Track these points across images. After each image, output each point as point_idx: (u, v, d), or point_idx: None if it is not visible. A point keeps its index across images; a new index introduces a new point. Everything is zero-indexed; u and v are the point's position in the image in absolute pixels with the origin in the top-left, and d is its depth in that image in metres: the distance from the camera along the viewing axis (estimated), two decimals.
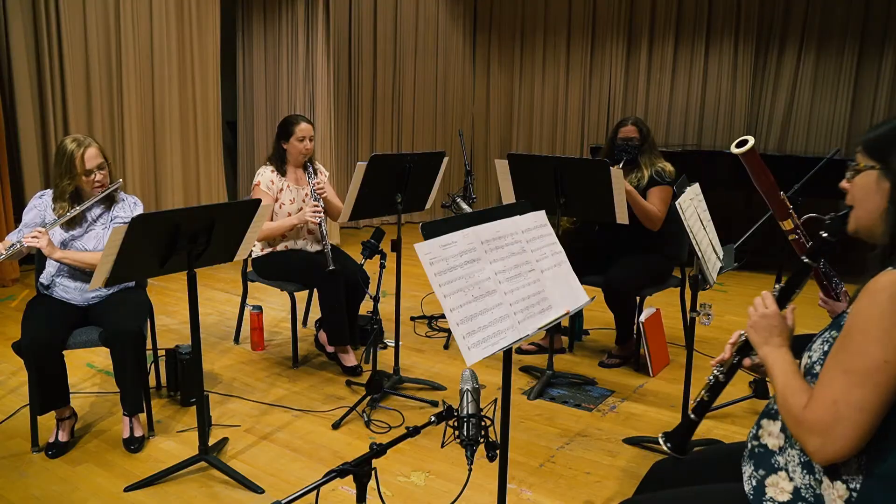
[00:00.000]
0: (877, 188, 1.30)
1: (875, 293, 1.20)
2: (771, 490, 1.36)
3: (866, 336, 1.19)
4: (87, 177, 2.77)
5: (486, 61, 8.29)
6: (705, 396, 1.59)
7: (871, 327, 1.19)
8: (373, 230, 3.13)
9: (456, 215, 1.78)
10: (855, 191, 1.35)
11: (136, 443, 2.77)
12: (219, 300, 4.85)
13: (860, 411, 1.18)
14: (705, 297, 4.28)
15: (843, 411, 1.20)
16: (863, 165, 1.33)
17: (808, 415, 1.24)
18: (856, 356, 1.20)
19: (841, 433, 1.20)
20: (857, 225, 1.36)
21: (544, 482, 2.60)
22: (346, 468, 1.41)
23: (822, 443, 1.22)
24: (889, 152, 1.28)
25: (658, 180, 3.51)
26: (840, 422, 1.20)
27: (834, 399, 1.21)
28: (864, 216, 1.34)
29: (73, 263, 2.76)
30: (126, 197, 2.97)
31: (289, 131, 3.61)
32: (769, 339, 1.44)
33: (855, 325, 1.22)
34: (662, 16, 7.11)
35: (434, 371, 3.67)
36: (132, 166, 5.64)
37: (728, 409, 3.15)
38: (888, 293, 1.18)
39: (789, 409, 1.29)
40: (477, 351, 1.62)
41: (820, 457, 1.23)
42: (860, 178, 1.33)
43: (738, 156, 2.36)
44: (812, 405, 1.24)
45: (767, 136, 6.75)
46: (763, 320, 1.45)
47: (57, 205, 2.78)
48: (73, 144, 2.75)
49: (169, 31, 5.73)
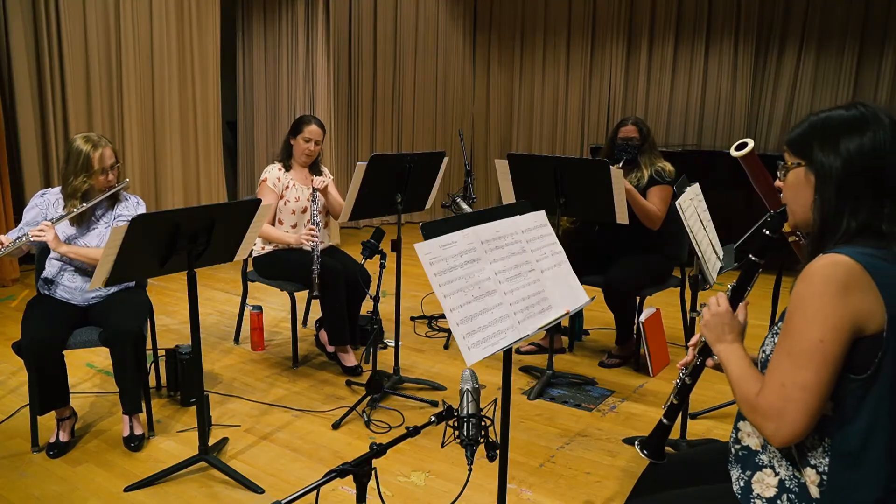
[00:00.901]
0: (806, 182, 1.36)
1: (809, 277, 1.26)
2: (757, 487, 1.39)
3: (804, 318, 1.25)
4: (102, 175, 2.78)
5: (486, 61, 8.29)
6: (674, 400, 1.61)
7: (807, 308, 1.25)
8: (373, 230, 3.13)
9: (456, 215, 1.78)
10: (787, 188, 1.42)
11: (136, 440, 2.77)
12: (219, 300, 4.85)
13: (805, 391, 1.23)
14: (705, 297, 4.26)
15: (790, 393, 1.25)
16: (791, 164, 1.39)
17: (761, 401, 1.29)
18: (796, 338, 1.26)
19: (792, 415, 1.24)
20: (795, 220, 1.42)
21: (544, 482, 2.60)
22: (346, 468, 1.41)
23: (777, 426, 1.26)
24: (810, 148, 1.35)
25: (658, 180, 3.51)
26: (789, 403, 1.24)
27: (782, 382, 1.26)
28: (799, 211, 1.40)
29: (77, 258, 2.76)
30: (129, 196, 2.97)
31: (298, 129, 3.67)
32: (722, 337, 1.47)
33: (793, 309, 1.28)
34: (662, 16, 7.11)
35: (434, 371, 3.67)
36: (132, 166, 5.64)
37: (727, 409, 3.15)
38: (819, 275, 1.25)
39: (744, 396, 1.34)
40: (477, 351, 1.63)
41: (777, 440, 1.27)
42: (790, 176, 1.40)
43: (737, 159, 2.36)
44: (763, 391, 1.30)
45: (767, 136, 6.75)
46: (714, 319, 1.49)
47: (68, 202, 2.78)
48: (87, 144, 2.75)
49: (169, 31, 5.73)
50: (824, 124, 1.35)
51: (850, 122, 1.32)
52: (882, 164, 1.29)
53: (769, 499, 1.37)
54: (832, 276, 1.23)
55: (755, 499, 1.39)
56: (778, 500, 1.35)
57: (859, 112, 1.32)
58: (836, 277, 1.23)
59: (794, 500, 1.34)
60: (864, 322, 1.23)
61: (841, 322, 1.22)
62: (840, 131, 1.32)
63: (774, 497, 1.36)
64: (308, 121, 3.68)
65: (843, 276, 1.23)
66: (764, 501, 1.37)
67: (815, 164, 1.33)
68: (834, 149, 1.31)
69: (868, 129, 1.30)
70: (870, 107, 1.33)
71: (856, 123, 1.31)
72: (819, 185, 1.33)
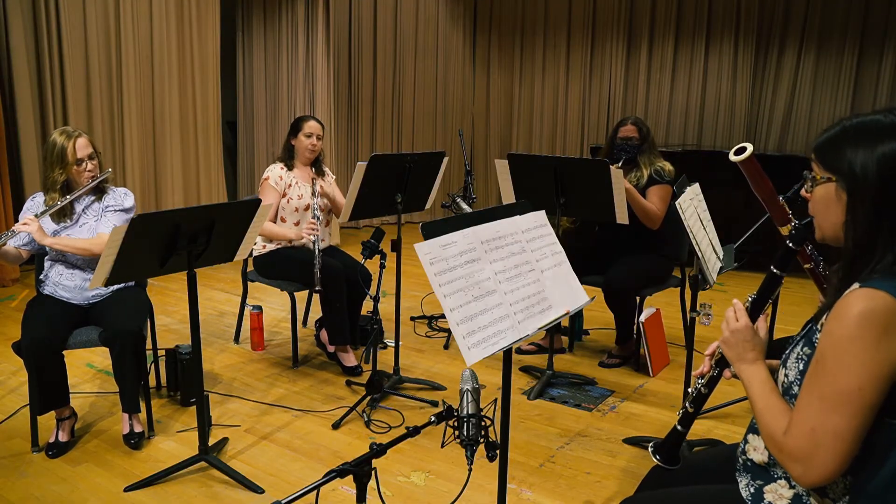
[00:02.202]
0: (836, 199, 1.26)
1: (844, 317, 1.16)
2: (769, 496, 1.36)
3: (838, 362, 1.16)
4: (79, 166, 2.78)
5: (486, 61, 8.29)
6: (690, 408, 1.57)
7: (842, 353, 1.16)
8: (373, 230, 3.13)
9: (456, 215, 1.78)
10: (815, 203, 1.32)
11: (136, 437, 2.77)
12: (219, 300, 4.85)
13: (837, 438, 1.16)
14: (705, 297, 4.27)
15: (821, 439, 1.17)
16: (820, 177, 1.28)
17: (789, 441, 1.22)
18: (830, 382, 1.17)
19: (821, 460, 1.17)
20: (823, 234, 1.33)
21: (544, 482, 2.60)
22: (346, 468, 1.41)
23: (804, 470, 1.20)
24: (842, 159, 1.23)
25: (657, 179, 3.51)
26: (819, 449, 1.17)
27: (812, 427, 1.18)
28: (828, 227, 1.30)
29: (64, 249, 2.75)
30: (115, 189, 2.97)
31: (298, 127, 3.71)
32: (743, 356, 1.41)
33: (827, 350, 1.18)
34: (662, 16, 7.11)
35: (434, 371, 3.67)
36: (132, 166, 5.64)
37: (728, 409, 3.15)
38: (855, 315, 1.15)
39: (770, 433, 1.27)
40: (477, 351, 1.62)
41: (804, 482, 1.21)
42: (819, 190, 1.29)
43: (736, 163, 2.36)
44: (792, 431, 1.22)
45: (767, 137, 6.75)
46: (734, 336, 1.42)
47: (47, 196, 2.79)
48: (62, 136, 2.77)
49: (169, 31, 5.73)
50: (858, 130, 1.23)
51: (888, 129, 1.20)
52: None
53: None
54: (870, 319, 1.13)
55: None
56: None
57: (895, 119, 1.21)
58: (876, 319, 1.13)
59: None
60: None
61: (880, 369, 1.13)
62: (876, 138, 1.19)
63: None
64: (306, 118, 3.74)
65: (883, 317, 1.13)
66: None
67: (847, 176, 1.22)
68: (868, 157, 1.19)
69: None
70: None
71: (893, 130, 1.19)
72: (851, 204, 1.22)
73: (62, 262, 2.83)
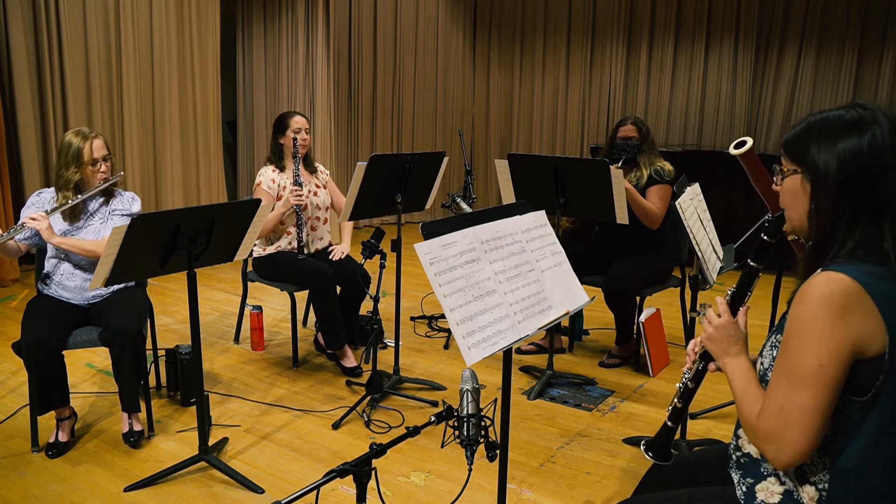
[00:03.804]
0: (802, 191, 1.32)
1: (805, 298, 1.22)
2: (761, 494, 1.38)
3: (801, 341, 1.21)
4: (94, 166, 2.80)
5: (486, 61, 8.29)
6: (678, 403, 1.59)
7: (804, 332, 1.21)
8: (373, 230, 3.13)
9: (456, 215, 1.78)
10: (784, 194, 1.37)
11: (136, 436, 2.77)
12: (219, 300, 4.85)
13: (804, 415, 1.20)
14: (705, 297, 4.28)
15: (789, 417, 1.22)
16: (787, 169, 1.35)
17: (761, 423, 1.26)
18: (794, 362, 1.22)
19: (791, 438, 1.21)
20: (792, 226, 1.38)
21: (544, 482, 2.60)
22: (346, 468, 1.41)
23: (777, 449, 1.23)
24: (806, 153, 1.30)
25: (657, 179, 3.51)
26: (788, 427, 1.22)
27: (780, 406, 1.23)
28: (796, 217, 1.36)
29: (72, 249, 2.76)
30: (123, 192, 2.98)
31: (284, 125, 3.65)
32: (728, 350, 1.44)
33: (791, 332, 1.24)
34: (662, 16, 7.11)
35: (434, 371, 3.67)
36: (132, 166, 5.64)
37: (728, 409, 3.15)
38: (816, 297, 1.20)
39: (746, 418, 1.31)
40: (477, 351, 1.62)
41: (779, 463, 1.25)
42: (786, 182, 1.35)
43: (736, 157, 2.36)
44: (763, 413, 1.27)
45: (767, 136, 6.75)
46: (718, 332, 1.46)
47: (60, 194, 2.80)
48: (78, 137, 2.79)
49: (169, 31, 5.73)
50: (821, 125, 1.30)
51: (849, 124, 1.27)
52: (880, 170, 1.24)
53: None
54: (830, 298, 1.19)
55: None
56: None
57: (858, 114, 1.28)
58: (835, 299, 1.19)
59: None
60: (865, 345, 1.19)
61: (840, 346, 1.19)
62: (837, 133, 1.27)
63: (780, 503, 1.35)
64: (290, 114, 3.67)
65: (842, 297, 1.19)
66: None
67: (811, 169, 1.29)
68: (830, 151, 1.26)
69: (867, 131, 1.25)
70: (869, 108, 1.28)
71: (854, 125, 1.26)
72: (815, 194, 1.29)
73: (67, 262, 2.83)
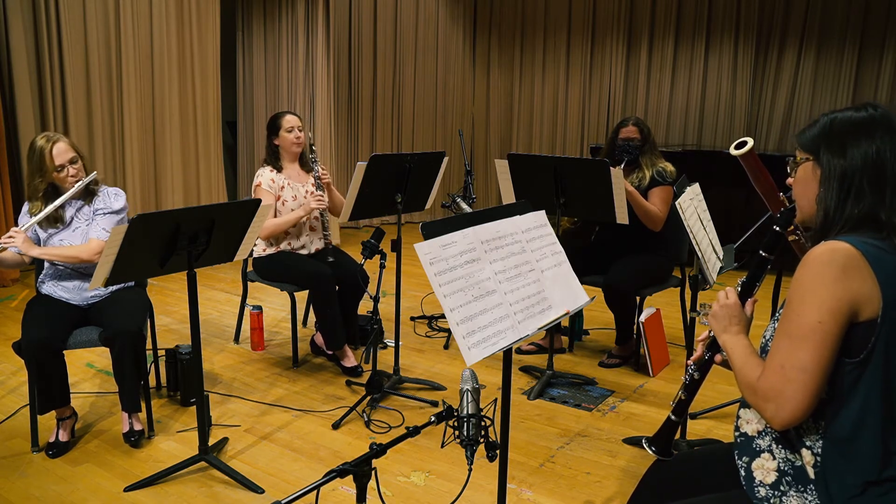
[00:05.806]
0: (812, 176, 1.41)
1: (808, 261, 1.31)
2: (758, 473, 1.42)
3: (802, 301, 1.30)
4: (59, 173, 2.73)
5: (486, 61, 8.29)
6: (682, 396, 1.63)
7: (804, 292, 1.29)
8: (373, 230, 3.13)
9: (456, 215, 1.78)
10: (797, 184, 1.46)
11: (136, 435, 2.77)
12: (219, 300, 4.85)
13: (804, 371, 1.27)
14: (705, 297, 4.27)
15: (789, 374, 1.28)
16: (800, 158, 1.45)
17: (762, 383, 1.33)
18: (794, 321, 1.30)
19: (791, 395, 1.28)
20: (803, 215, 1.46)
21: (544, 482, 2.60)
22: (346, 468, 1.41)
23: (777, 407, 1.30)
24: (819, 145, 1.40)
25: (659, 181, 3.50)
26: (788, 384, 1.28)
27: (781, 364, 1.30)
28: (806, 205, 1.44)
29: (54, 259, 2.73)
30: (105, 188, 2.92)
31: (276, 125, 3.65)
32: (728, 328, 1.51)
33: (793, 293, 1.32)
34: (662, 16, 7.10)
35: (434, 371, 3.67)
36: (132, 166, 5.64)
37: (728, 409, 3.15)
38: (818, 259, 1.29)
39: (746, 382, 1.38)
40: (477, 351, 1.63)
41: (777, 422, 1.31)
42: (799, 171, 1.45)
43: (736, 157, 2.36)
44: (764, 373, 1.34)
45: (767, 136, 6.75)
46: (723, 310, 1.52)
47: (31, 204, 2.75)
48: (41, 141, 2.72)
49: (169, 31, 5.73)
50: (833, 124, 1.39)
51: (859, 124, 1.36)
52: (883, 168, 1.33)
53: (771, 484, 1.39)
54: (831, 260, 1.28)
55: (759, 486, 1.41)
56: (780, 485, 1.38)
57: (868, 114, 1.37)
58: (835, 261, 1.28)
59: (792, 483, 1.37)
60: (861, 307, 1.27)
61: (838, 304, 1.26)
62: (848, 132, 1.36)
63: (776, 482, 1.39)
64: (282, 114, 3.67)
65: (842, 260, 1.28)
66: (767, 488, 1.40)
67: (822, 159, 1.38)
68: (840, 149, 1.36)
69: (876, 131, 1.34)
70: (881, 109, 1.37)
71: (864, 125, 1.36)
72: (823, 178, 1.38)
73: (56, 263, 2.82)
